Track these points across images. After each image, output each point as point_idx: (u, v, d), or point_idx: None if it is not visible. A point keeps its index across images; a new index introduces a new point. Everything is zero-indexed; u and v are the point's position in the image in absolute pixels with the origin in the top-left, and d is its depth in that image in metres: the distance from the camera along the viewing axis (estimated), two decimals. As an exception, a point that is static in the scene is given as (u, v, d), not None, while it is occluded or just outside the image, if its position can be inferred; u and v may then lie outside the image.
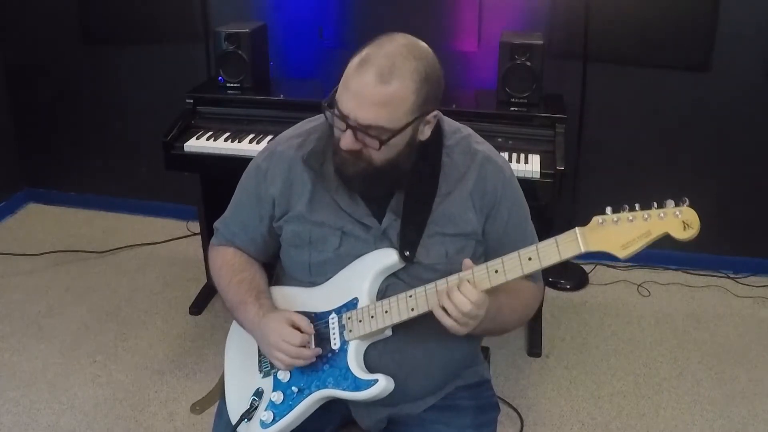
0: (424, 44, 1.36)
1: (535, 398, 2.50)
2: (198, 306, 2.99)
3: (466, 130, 1.54)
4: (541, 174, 2.39)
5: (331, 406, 1.53)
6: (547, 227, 2.52)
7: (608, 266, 3.28)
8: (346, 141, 1.32)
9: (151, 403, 2.47)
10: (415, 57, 1.31)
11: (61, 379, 2.57)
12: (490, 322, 1.39)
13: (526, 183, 1.57)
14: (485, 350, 1.81)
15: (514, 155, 2.47)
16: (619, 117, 3.09)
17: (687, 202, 1.20)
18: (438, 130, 1.48)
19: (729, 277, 3.22)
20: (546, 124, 2.55)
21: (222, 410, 1.60)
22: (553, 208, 2.75)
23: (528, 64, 2.57)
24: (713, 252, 3.24)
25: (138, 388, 2.54)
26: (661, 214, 1.20)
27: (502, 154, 1.61)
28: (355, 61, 1.31)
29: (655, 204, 1.22)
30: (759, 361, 2.70)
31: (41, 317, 2.93)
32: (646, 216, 1.21)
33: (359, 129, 1.30)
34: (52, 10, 3.45)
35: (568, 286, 3.15)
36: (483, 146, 1.52)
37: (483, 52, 2.86)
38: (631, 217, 1.22)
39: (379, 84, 1.27)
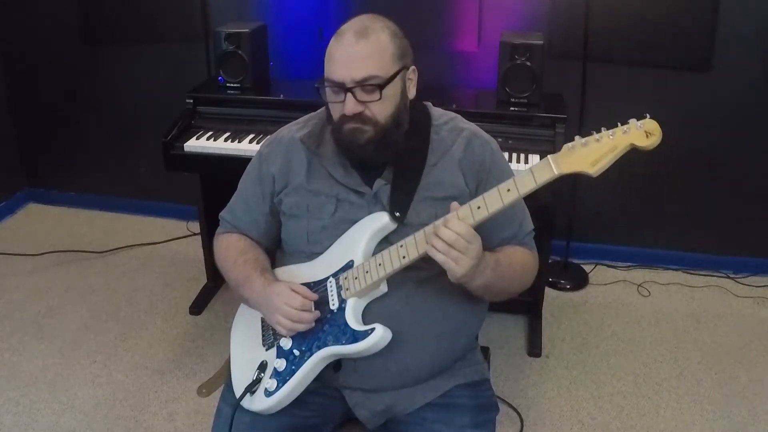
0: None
1: (535, 398, 2.50)
2: (198, 306, 2.99)
3: (453, 114, 1.65)
4: (541, 174, 2.38)
5: (330, 402, 1.56)
6: (547, 227, 2.53)
7: (608, 266, 3.28)
8: (350, 105, 1.43)
9: (151, 403, 2.47)
10: (380, 20, 1.49)
11: (61, 379, 2.57)
12: (491, 273, 1.44)
13: (526, 183, 1.58)
14: (485, 350, 1.82)
15: (514, 155, 2.47)
16: (619, 117, 3.07)
17: (648, 116, 1.30)
18: (426, 114, 1.60)
19: (729, 277, 3.22)
20: (546, 124, 2.55)
21: (221, 410, 1.61)
22: (553, 207, 2.75)
23: (528, 64, 2.57)
24: (713, 252, 3.25)
25: (138, 388, 2.54)
26: (625, 129, 1.30)
27: (502, 154, 1.64)
28: (335, 35, 1.46)
29: (620, 124, 1.31)
30: (759, 361, 2.70)
31: (41, 317, 2.93)
32: (611, 134, 1.30)
33: (357, 86, 1.42)
34: (52, 10, 3.45)
35: (568, 286, 3.15)
36: (469, 125, 1.62)
37: (483, 52, 2.86)
38: (597, 138, 1.31)
39: (360, 40, 1.43)
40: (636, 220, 3.25)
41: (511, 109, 2.61)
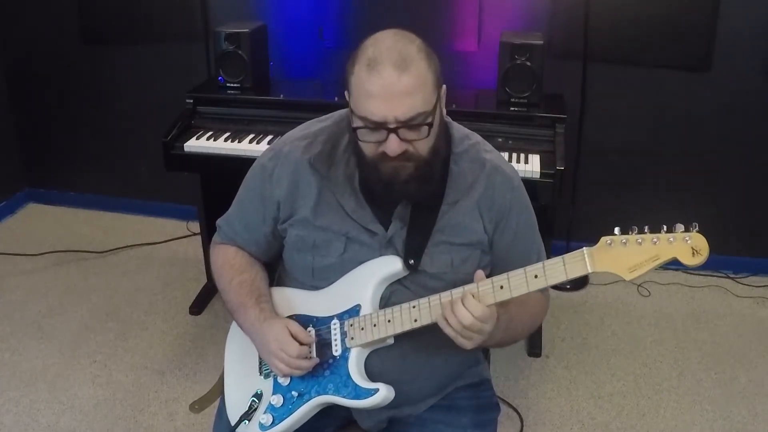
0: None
1: (535, 398, 2.50)
2: (198, 306, 2.99)
3: (475, 137, 1.52)
4: (541, 174, 2.39)
5: (331, 407, 1.54)
6: (547, 227, 2.53)
7: (608, 266, 3.28)
8: (393, 146, 1.29)
9: (151, 403, 2.47)
10: (410, 40, 1.32)
11: (61, 379, 2.57)
12: (503, 333, 1.39)
13: (526, 183, 1.56)
14: (485, 350, 1.82)
15: (514, 155, 2.47)
16: (619, 117, 3.09)
17: (696, 227, 1.20)
18: (447, 137, 1.46)
19: (729, 277, 3.22)
20: (546, 124, 2.55)
21: (222, 411, 1.60)
22: (553, 208, 2.75)
23: (528, 64, 2.57)
24: (713, 252, 3.21)
25: (138, 388, 2.54)
26: (671, 239, 1.20)
27: (502, 154, 1.61)
28: (361, 69, 1.29)
29: (665, 227, 1.20)
30: (759, 361, 2.70)
31: (41, 317, 2.93)
32: (655, 240, 1.20)
33: (402, 126, 1.28)
34: (52, 10, 3.45)
35: (568, 286, 3.15)
36: (491, 155, 1.50)
37: (483, 52, 2.86)
38: (639, 240, 1.21)
39: (402, 75, 1.26)
40: (636, 220, 3.25)
41: (511, 109, 2.61)
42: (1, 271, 3.27)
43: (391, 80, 1.26)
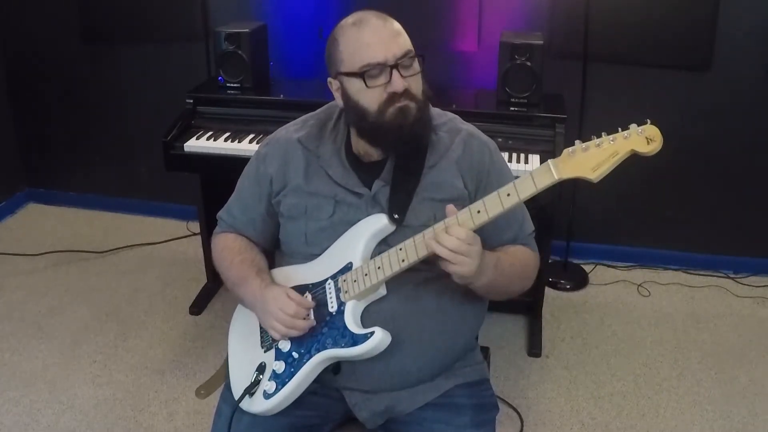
0: None
1: (535, 398, 2.50)
2: (198, 306, 2.99)
3: (452, 114, 1.65)
4: (541, 174, 2.38)
5: (330, 402, 1.56)
6: (547, 227, 2.53)
7: (608, 266, 3.28)
8: (398, 81, 1.43)
9: (151, 403, 2.47)
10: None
11: (61, 379, 2.57)
12: (494, 271, 1.44)
13: (525, 183, 1.58)
14: (485, 350, 1.82)
15: (514, 155, 2.48)
16: (619, 117, 3.07)
17: (649, 122, 1.29)
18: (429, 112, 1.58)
19: (729, 277, 3.22)
20: (546, 124, 2.55)
21: (221, 409, 1.61)
22: (553, 207, 2.75)
23: (528, 64, 2.57)
24: (713, 252, 3.25)
25: (138, 388, 2.54)
26: (626, 135, 1.29)
27: (502, 154, 1.66)
28: (348, 32, 1.46)
29: (620, 129, 1.30)
30: (759, 361, 2.70)
31: (41, 317, 2.93)
32: (612, 139, 1.29)
33: (400, 60, 1.43)
34: (52, 10, 3.45)
35: (568, 286, 3.15)
36: (467, 125, 1.63)
37: (483, 52, 2.86)
38: (598, 143, 1.30)
39: (386, 21, 1.46)
40: (636, 220, 3.25)
41: (511, 109, 2.61)
42: (1, 271, 3.27)
43: (379, 27, 1.45)
